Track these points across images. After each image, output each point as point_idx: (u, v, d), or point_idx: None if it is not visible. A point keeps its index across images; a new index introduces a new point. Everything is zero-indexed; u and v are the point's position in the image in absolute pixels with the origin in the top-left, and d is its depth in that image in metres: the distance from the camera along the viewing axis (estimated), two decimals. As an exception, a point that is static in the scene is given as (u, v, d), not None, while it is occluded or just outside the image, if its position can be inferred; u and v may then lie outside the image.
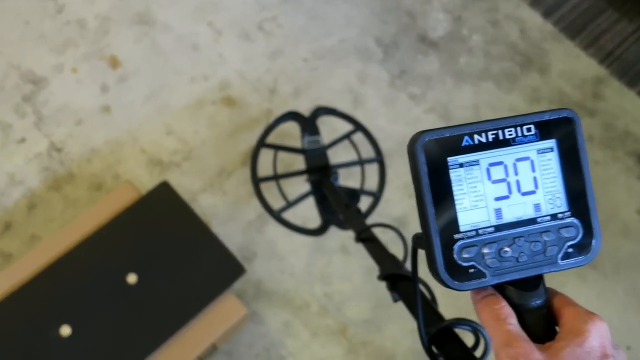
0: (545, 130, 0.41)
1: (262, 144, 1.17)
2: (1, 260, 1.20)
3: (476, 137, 0.40)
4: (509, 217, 0.41)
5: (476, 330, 0.56)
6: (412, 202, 1.29)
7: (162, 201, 1.09)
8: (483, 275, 0.40)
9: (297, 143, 1.21)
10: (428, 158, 0.39)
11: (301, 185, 1.22)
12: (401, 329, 1.21)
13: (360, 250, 1.24)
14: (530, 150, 0.41)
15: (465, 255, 0.40)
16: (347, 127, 1.26)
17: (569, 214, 0.42)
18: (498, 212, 0.41)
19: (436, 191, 0.39)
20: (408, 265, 0.78)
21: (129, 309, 1.00)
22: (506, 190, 0.41)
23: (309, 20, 1.51)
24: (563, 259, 0.41)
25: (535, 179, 0.41)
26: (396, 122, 1.41)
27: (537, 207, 0.41)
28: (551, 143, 0.41)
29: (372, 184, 1.22)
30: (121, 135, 1.34)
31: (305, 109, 1.38)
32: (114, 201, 1.09)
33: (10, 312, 0.98)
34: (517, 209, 0.41)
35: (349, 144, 1.21)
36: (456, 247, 0.40)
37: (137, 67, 1.41)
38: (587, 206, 0.42)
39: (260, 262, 1.24)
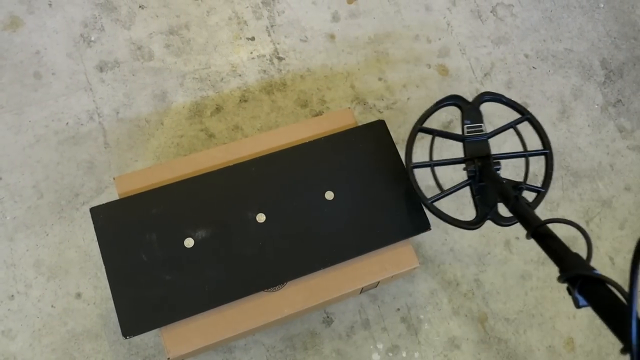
0: None
1: (420, 127, 1.08)
2: (205, 136, 1.30)
3: None
4: None
5: None
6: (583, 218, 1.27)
7: (374, 137, 1.14)
8: None
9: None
10: None
11: (454, 173, 1.22)
12: (538, 340, 1.21)
13: (522, 252, 1.24)
14: None
15: None
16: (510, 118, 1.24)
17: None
18: None
19: None
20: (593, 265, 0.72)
21: (320, 220, 1.06)
22: None
23: (542, 19, 1.50)
24: None
25: None
26: (596, 147, 1.38)
27: None
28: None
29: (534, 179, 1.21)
30: (337, 65, 1.40)
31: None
32: (332, 121, 1.15)
33: (216, 184, 1.06)
34: None
35: (512, 135, 1.13)
36: None
37: (370, 8, 1.46)
38: None
39: (428, 227, 1.27)
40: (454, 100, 1.10)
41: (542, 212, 1.31)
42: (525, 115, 1.07)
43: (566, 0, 1.52)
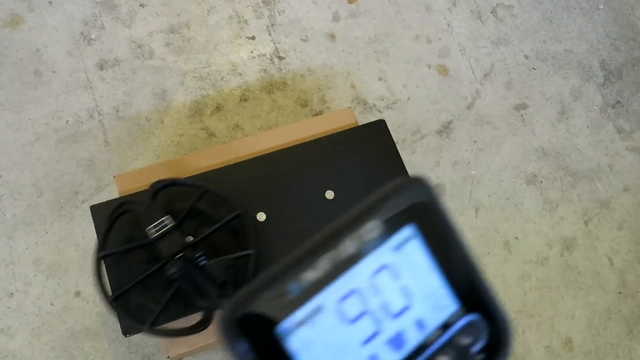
0: (392, 218, 0.29)
1: (102, 254, 0.90)
2: (205, 135, 1.30)
3: (306, 275, 0.28)
4: (390, 358, 0.29)
5: None
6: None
7: (375, 136, 1.14)
8: None
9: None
10: (250, 340, 0.27)
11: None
12: (537, 340, 1.22)
13: (521, 252, 1.25)
14: (384, 254, 0.29)
15: None
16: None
17: (461, 311, 0.30)
18: (373, 358, 0.28)
19: None
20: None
21: (321, 219, 1.06)
22: (372, 325, 0.29)
23: (542, 20, 1.50)
24: None
25: (403, 288, 0.29)
26: (595, 148, 1.39)
27: (420, 323, 0.30)
28: (407, 230, 0.30)
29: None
30: (337, 65, 1.40)
31: (513, 104, 1.39)
32: (333, 120, 1.15)
33: (215, 184, 1.06)
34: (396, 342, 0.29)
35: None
36: None
37: (370, 8, 1.46)
38: (479, 290, 0.31)
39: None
40: (127, 207, 0.93)
41: (541, 212, 1.31)
42: (202, 189, 0.95)
43: (566, 1, 1.53)
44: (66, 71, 1.31)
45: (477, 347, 0.30)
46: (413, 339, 0.29)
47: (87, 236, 1.18)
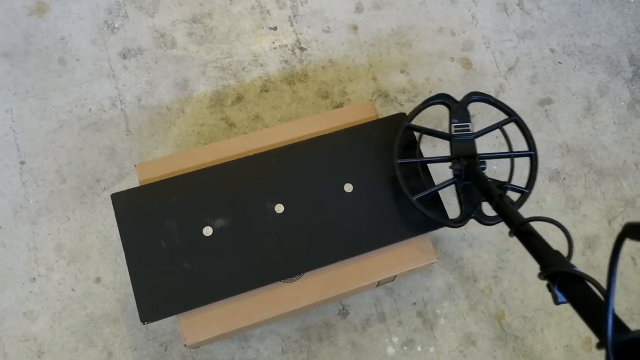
0: None
1: (408, 125, 1.08)
2: (225, 125, 1.30)
3: None
4: None
5: None
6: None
7: (395, 130, 1.13)
8: None
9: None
10: None
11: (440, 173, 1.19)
12: (556, 338, 1.20)
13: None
14: None
15: None
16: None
17: None
18: None
19: None
20: (574, 262, 0.73)
21: (339, 212, 1.06)
22: None
23: (570, 13, 1.47)
24: None
25: None
26: (621, 145, 1.36)
27: None
28: None
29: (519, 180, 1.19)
30: (359, 56, 1.39)
31: (537, 99, 1.37)
32: (354, 113, 1.15)
33: (235, 174, 1.07)
34: None
35: (498, 136, 1.15)
36: None
37: (395, 0, 1.45)
38: None
39: (447, 222, 1.26)
40: (442, 99, 1.09)
41: (563, 209, 1.29)
42: (512, 116, 1.07)
43: (595, -6, 1.49)
44: (90, 60, 1.32)
45: None
46: None
47: (108, 223, 1.19)
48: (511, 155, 1.05)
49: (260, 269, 1.01)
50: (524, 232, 0.80)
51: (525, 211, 1.28)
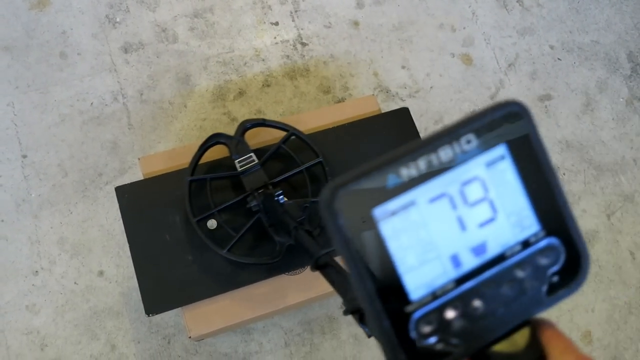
0: (488, 135, 0.31)
1: (190, 179, 0.98)
2: (227, 120, 1.30)
3: (403, 171, 0.30)
4: (469, 261, 0.31)
5: None
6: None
7: (398, 124, 1.13)
8: (455, 347, 0.31)
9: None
10: (348, 219, 0.29)
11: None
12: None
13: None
14: (476, 166, 0.31)
15: (426, 330, 0.30)
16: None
17: (542, 233, 0.32)
18: (454, 259, 0.31)
19: (368, 257, 0.29)
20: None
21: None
22: (457, 228, 0.31)
23: (569, 10, 1.48)
24: (549, 292, 0.32)
25: (490, 202, 0.31)
26: (620, 141, 1.37)
27: (502, 236, 0.32)
28: (500, 150, 0.31)
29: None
30: (360, 52, 1.39)
31: (537, 95, 1.38)
32: (356, 107, 1.15)
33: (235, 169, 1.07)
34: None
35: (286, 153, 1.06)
36: (412, 322, 0.30)
37: (395, -5, 1.45)
38: (562, 217, 0.32)
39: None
40: (217, 139, 1.01)
41: (563, 204, 1.30)
42: (290, 132, 1.03)
43: (594, -9, 1.50)
44: (91, 54, 1.32)
45: (553, 269, 0.32)
46: (493, 249, 0.31)
47: (111, 217, 1.19)
48: (302, 169, 1.00)
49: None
50: (322, 265, 0.74)
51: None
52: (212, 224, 0.99)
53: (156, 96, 1.30)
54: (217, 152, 1.05)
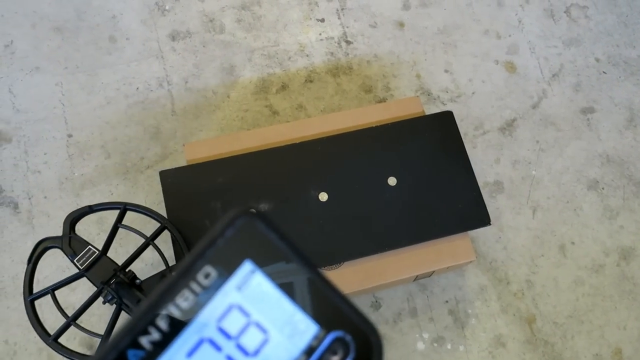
0: (227, 258, 0.28)
1: (30, 298, 0.87)
2: (269, 112, 1.31)
3: (143, 340, 0.26)
4: None
5: None
6: None
7: (441, 127, 1.13)
8: None
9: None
10: None
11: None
12: (586, 346, 1.20)
13: (577, 257, 1.23)
14: (226, 296, 0.28)
15: None
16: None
17: (322, 332, 0.29)
18: None
19: None
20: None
21: (381, 204, 1.06)
22: None
23: (617, 24, 1.47)
24: None
25: (257, 323, 0.28)
26: (662, 158, 1.35)
27: (282, 354, 0.29)
28: (247, 267, 0.29)
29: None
30: (404, 53, 1.39)
31: (580, 107, 1.36)
32: (400, 107, 1.15)
33: (281, 160, 1.08)
34: None
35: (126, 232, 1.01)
36: None
37: (442, -1, 1.45)
38: (334, 306, 0.30)
39: (483, 223, 1.26)
40: (43, 245, 0.91)
41: (600, 219, 1.29)
42: (122, 208, 0.96)
43: (644, 6, 1.48)
44: (139, 39, 1.34)
45: None
46: None
47: (150, 200, 1.21)
48: (148, 241, 0.93)
49: (301, 254, 1.02)
50: None
51: (564, 219, 1.28)
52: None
53: (200, 85, 1.31)
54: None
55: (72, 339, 1.11)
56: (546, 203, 1.29)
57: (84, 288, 1.14)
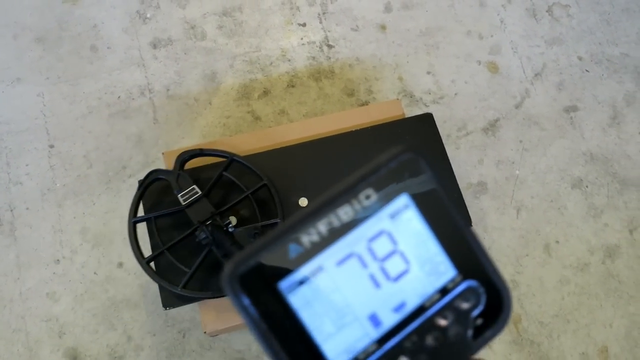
0: (387, 187, 0.30)
1: (134, 220, 0.95)
2: (251, 118, 1.31)
3: (304, 239, 0.29)
4: (389, 319, 0.30)
5: None
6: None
7: (422, 130, 1.13)
8: None
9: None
10: (254, 297, 0.28)
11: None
12: (572, 345, 1.20)
13: (562, 256, 1.23)
14: (380, 220, 0.30)
15: None
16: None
17: (459, 277, 0.31)
18: (373, 318, 0.30)
19: (282, 331, 0.28)
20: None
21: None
22: (372, 286, 0.30)
23: (599, 22, 1.47)
24: (475, 336, 0.31)
25: (401, 253, 0.31)
26: (646, 156, 1.35)
27: (419, 287, 0.31)
28: (403, 199, 0.31)
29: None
30: (386, 56, 1.39)
31: (563, 106, 1.36)
32: (380, 111, 1.15)
33: (261, 166, 1.08)
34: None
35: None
36: None
37: (424, 1, 1.45)
38: (477, 258, 0.31)
39: (467, 224, 1.26)
40: (155, 175, 0.99)
41: (585, 217, 1.29)
42: (229, 158, 1.01)
43: (626, 3, 1.48)
44: (121, 48, 1.34)
45: (475, 312, 0.31)
46: (412, 301, 0.31)
47: (133, 210, 1.21)
48: (248, 194, 0.97)
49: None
50: None
51: (548, 219, 1.28)
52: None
53: (182, 92, 1.31)
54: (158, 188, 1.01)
55: (55, 351, 1.11)
56: (530, 202, 1.29)
57: (68, 299, 1.14)
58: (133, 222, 0.94)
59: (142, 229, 0.97)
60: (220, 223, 0.92)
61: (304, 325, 0.29)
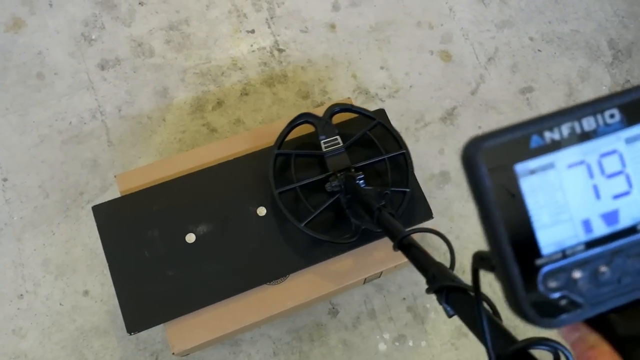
0: (632, 113, 0.32)
1: (277, 152, 1.03)
2: (207, 131, 1.30)
3: (547, 134, 0.32)
4: (600, 228, 0.33)
5: (557, 350, 0.46)
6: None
7: (375, 126, 1.12)
8: (578, 306, 0.32)
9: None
10: (490, 168, 0.31)
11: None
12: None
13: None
14: (617, 140, 0.32)
15: (553, 284, 0.32)
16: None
17: None
18: (586, 224, 0.33)
19: (505, 208, 0.31)
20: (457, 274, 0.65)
21: (323, 212, 1.05)
22: (593, 196, 0.33)
23: (547, 1, 1.47)
24: None
25: (627, 176, 0.33)
26: (605, 129, 1.36)
27: (635, 210, 0.33)
28: None
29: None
30: (338, 55, 1.39)
31: (518, 87, 1.36)
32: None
33: (216, 179, 1.07)
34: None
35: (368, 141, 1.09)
36: (540, 275, 0.32)
37: (371, -4, 1.44)
38: None
39: (433, 215, 1.26)
40: (305, 118, 1.05)
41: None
42: (376, 120, 1.06)
43: (572, -20, 1.49)
44: (68, 73, 1.32)
45: None
46: (625, 220, 0.33)
47: (94, 236, 1.19)
48: (385, 158, 1.04)
49: (245, 272, 1.01)
50: (406, 245, 0.75)
51: (511, 201, 1.28)
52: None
53: (135, 111, 1.30)
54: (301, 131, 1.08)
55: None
56: (494, 188, 1.29)
57: (35, 334, 1.12)
58: (276, 153, 1.02)
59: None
60: (355, 175, 0.97)
61: (526, 209, 0.32)
